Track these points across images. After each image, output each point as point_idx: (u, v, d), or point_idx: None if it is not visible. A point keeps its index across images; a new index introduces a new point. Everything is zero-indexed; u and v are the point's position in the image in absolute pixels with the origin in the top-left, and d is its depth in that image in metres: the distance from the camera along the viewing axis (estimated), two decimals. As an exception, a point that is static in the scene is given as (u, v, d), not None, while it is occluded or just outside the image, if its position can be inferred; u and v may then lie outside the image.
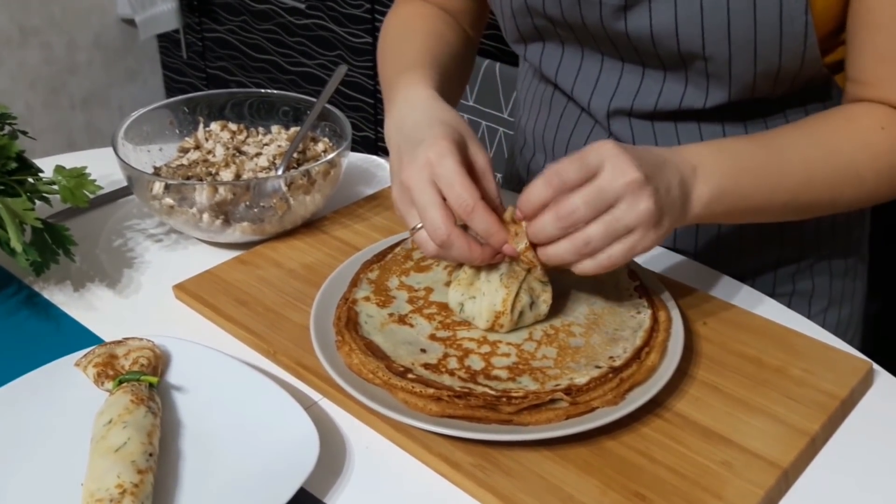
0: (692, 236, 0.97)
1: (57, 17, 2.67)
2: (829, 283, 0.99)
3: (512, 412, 0.67)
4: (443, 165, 0.69)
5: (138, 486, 0.60)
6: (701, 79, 0.85)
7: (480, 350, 0.74)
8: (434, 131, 0.72)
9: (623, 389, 0.69)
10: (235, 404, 0.70)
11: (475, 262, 0.72)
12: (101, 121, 2.90)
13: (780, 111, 0.90)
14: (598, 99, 0.92)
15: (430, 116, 0.76)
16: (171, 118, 1.04)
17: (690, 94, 0.87)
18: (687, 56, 0.83)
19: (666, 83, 0.87)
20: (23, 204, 0.80)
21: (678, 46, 0.82)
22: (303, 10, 2.45)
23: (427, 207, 0.70)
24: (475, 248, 0.71)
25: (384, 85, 0.92)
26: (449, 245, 0.70)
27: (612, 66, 0.90)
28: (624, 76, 0.90)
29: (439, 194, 0.70)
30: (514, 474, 0.65)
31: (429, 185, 0.70)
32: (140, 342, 0.74)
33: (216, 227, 0.91)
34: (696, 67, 0.84)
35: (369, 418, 0.71)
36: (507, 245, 0.71)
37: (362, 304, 0.79)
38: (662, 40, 0.82)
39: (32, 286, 0.88)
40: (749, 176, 0.75)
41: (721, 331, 0.80)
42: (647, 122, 0.91)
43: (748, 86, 0.83)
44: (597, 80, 0.92)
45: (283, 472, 0.63)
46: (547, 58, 0.94)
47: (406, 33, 0.97)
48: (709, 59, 0.82)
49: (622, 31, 0.84)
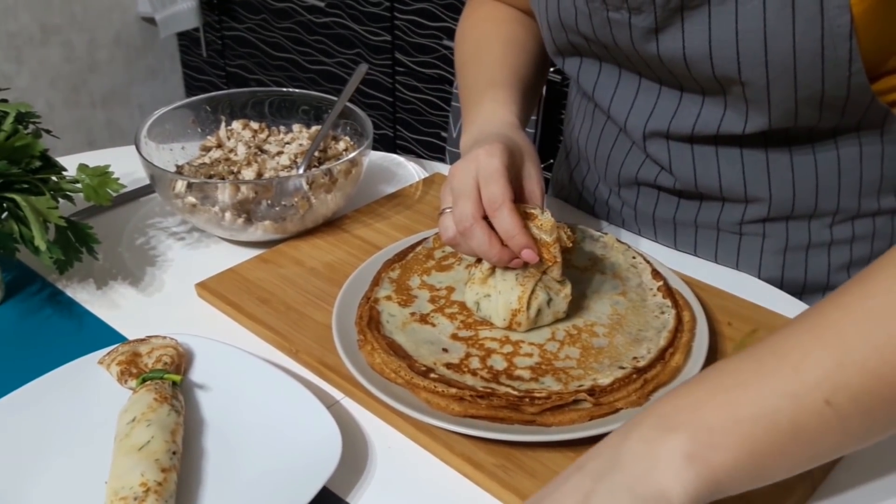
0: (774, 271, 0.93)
1: (78, 15, 2.69)
2: None
3: (535, 413, 0.67)
4: (488, 163, 0.72)
5: (162, 485, 0.61)
6: (740, 103, 0.80)
7: (503, 350, 0.74)
8: (495, 137, 0.76)
9: (647, 390, 0.69)
10: (258, 403, 0.70)
11: (492, 258, 0.73)
12: (121, 119, 2.92)
13: (830, 137, 0.83)
14: (635, 119, 0.89)
15: (499, 131, 0.79)
16: (193, 117, 1.04)
17: (729, 119, 0.82)
18: (723, 80, 0.78)
19: (704, 106, 0.83)
20: (46, 202, 0.80)
21: (713, 71, 0.78)
22: (322, 9, 2.46)
23: (461, 195, 0.72)
24: (495, 244, 0.72)
25: (465, 95, 0.93)
26: (470, 235, 0.72)
27: (649, 86, 0.87)
28: (661, 97, 0.86)
29: (477, 189, 0.72)
30: (538, 475, 0.64)
31: (469, 177, 0.72)
32: (163, 340, 0.74)
33: (238, 225, 0.91)
34: (734, 92, 0.79)
35: (391, 418, 0.70)
36: (528, 251, 0.71)
37: (384, 304, 0.79)
38: (696, 64, 0.78)
39: (55, 284, 0.89)
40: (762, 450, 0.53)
41: (745, 332, 0.79)
42: (685, 145, 0.87)
43: (790, 112, 0.78)
44: (633, 100, 0.89)
45: (305, 471, 0.63)
46: (584, 73, 0.93)
47: (485, 40, 0.97)
48: (746, 83, 0.77)
49: (654, 54, 0.81)
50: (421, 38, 2.27)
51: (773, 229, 0.89)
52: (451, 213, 0.73)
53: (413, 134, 2.45)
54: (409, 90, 2.38)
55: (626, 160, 0.94)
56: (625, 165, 0.94)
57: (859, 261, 0.90)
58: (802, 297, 0.92)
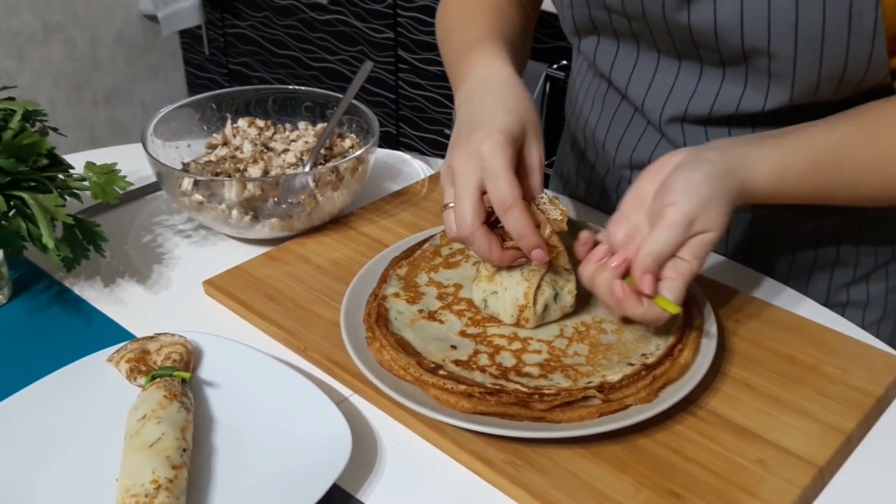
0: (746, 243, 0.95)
1: (80, 13, 2.69)
2: (885, 293, 0.96)
3: (544, 409, 0.67)
4: (493, 160, 0.70)
5: (173, 482, 0.61)
6: (762, 79, 0.81)
7: (511, 347, 0.74)
8: (496, 120, 0.72)
9: (656, 387, 0.69)
10: (268, 400, 0.70)
11: (493, 262, 0.73)
12: (123, 116, 2.92)
13: None
14: (653, 99, 0.89)
15: (499, 101, 0.75)
16: (198, 115, 1.04)
17: (749, 96, 0.83)
18: (750, 52, 0.79)
19: (724, 84, 0.84)
20: (54, 200, 0.80)
21: (742, 41, 0.78)
22: (325, 6, 2.46)
23: (462, 198, 0.71)
24: (495, 250, 0.72)
25: (450, 60, 0.90)
26: (470, 241, 0.71)
27: (668, 65, 0.87)
28: (680, 76, 0.87)
29: (479, 188, 0.70)
30: (547, 471, 0.65)
31: (472, 177, 0.71)
32: (172, 338, 0.74)
33: (245, 223, 0.91)
34: (759, 66, 0.80)
35: (400, 415, 0.70)
36: (538, 251, 0.71)
37: (392, 301, 0.79)
38: (726, 34, 0.79)
39: (63, 282, 0.89)
40: (796, 176, 0.75)
41: (754, 328, 0.79)
42: (700, 128, 0.88)
43: (811, 88, 0.79)
44: (651, 80, 0.89)
45: (316, 468, 0.63)
46: (602, 53, 0.92)
47: (469, 10, 0.94)
48: (773, 55, 0.78)
49: (684, 24, 0.80)
50: (424, 35, 2.27)
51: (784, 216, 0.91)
52: (454, 212, 0.72)
53: (416, 131, 2.45)
54: (413, 87, 2.38)
55: (639, 144, 0.94)
56: (637, 149, 0.94)
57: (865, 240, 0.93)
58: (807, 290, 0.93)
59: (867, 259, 0.94)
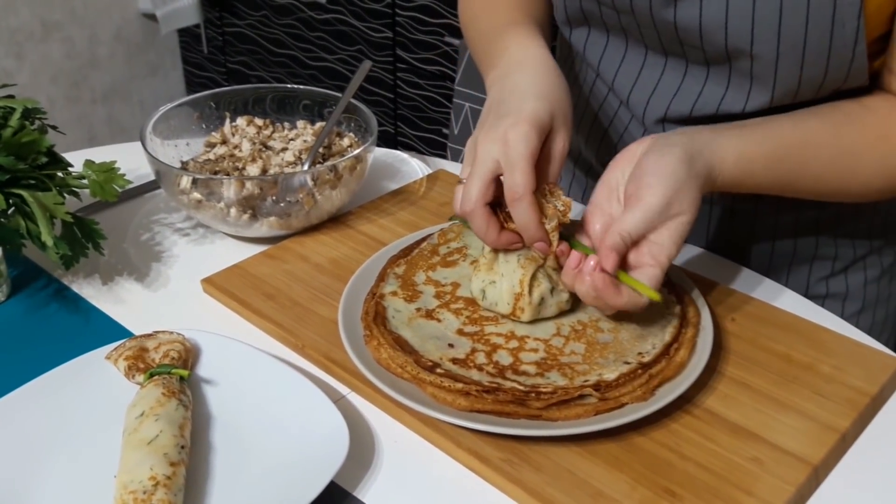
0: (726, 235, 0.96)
1: (78, 11, 2.69)
2: (863, 285, 0.98)
3: (541, 407, 0.67)
4: (515, 149, 0.70)
5: (171, 479, 0.61)
6: (744, 80, 0.83)
7: (508, 345, 0.74)
8: (526, 107, 0.72)
9: (652, 385, 0.69)
10: (265, 398, 0.71)
11: (489, 243, 0.74)
12: (122, 115, 2.92)
13: None
14: (638, 94, 0.91)
15: (531, 83, 0.76)
16: (197, 113, 1.04)
17: (731, 97, 0.84)
18: (733, 52, 0.80)
19: (707, 84, 0.85)
20: (53, 198, 0.81)
21: (726, 41, 0.79)
22: (323, 5, 2.46)
23: (475, 177, 0.72)
24: (492, 231, 0.73)
25: (479, 42, 0.90)
26: (470, 217, 0.73)
27: (654, 61, 0.89)
28: (666, 73, 0.88)
29: (494, 171, 0.71)
30: (544, 469, 0.65)
31: (490, 160, 0.71)
32: (170, 335, 0.74)
33: (243, 221, 0.91)
34: (741, 68, 0.81)
35: (398, 412, 0.71)
36: (541, 244, 0.72)
37: (390, 299, 0.79)
38: (710, 33, 0.80)
39: (61, 280, 0.89)
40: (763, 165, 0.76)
41: (749, 327, 0.80)
42: (681, 126, 0.87)
43: (791, 91, 0.81)
44: (638, 75, 0.90)
45: (313, 466, 0.64)
46: (591, 45, 0.93)
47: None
48: (755, 57, 0.79)
49: (670, 21, 0.82)
50: (422, 35, 2.27)
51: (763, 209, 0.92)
52: (463, 188, 0.73)
53: (414, 131, 2.45)
54: (411, 87, 2.38)
55: (622, 138, 0.95)
56: (621, 143, 0.95)
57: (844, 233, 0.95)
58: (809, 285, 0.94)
59: (846, 251, 0.95)
